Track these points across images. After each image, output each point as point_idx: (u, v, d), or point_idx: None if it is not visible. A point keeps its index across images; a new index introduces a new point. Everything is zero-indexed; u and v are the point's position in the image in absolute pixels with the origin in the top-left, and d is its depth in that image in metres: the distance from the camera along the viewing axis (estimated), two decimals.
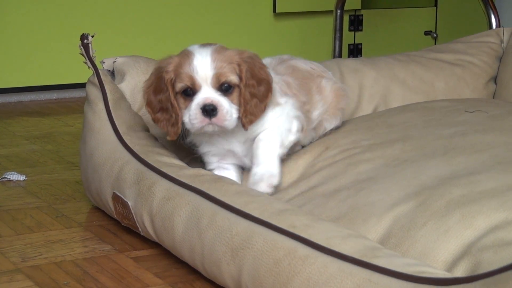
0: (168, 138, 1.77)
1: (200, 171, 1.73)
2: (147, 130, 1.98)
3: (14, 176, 2.24)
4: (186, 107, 1.72)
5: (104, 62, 2.11)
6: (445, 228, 1.44)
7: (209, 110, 1.69)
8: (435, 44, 3.81)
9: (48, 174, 2.30)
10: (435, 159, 1.73)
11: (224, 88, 1.72)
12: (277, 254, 1.39)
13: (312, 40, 3.67)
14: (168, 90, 1.73)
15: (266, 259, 1.40)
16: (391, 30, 3.82)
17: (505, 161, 1.67)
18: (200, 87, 1.71)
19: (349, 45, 3.72)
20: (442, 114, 2.06)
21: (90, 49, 2.02)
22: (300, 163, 1.87)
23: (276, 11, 3.58)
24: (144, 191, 1.73)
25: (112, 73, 2.10)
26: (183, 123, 1.74)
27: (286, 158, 1.86)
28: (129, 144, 1.86)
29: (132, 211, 1.77)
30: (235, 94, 1.74)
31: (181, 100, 1.74)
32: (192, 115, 1.70)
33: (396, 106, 2.28)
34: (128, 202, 1.78)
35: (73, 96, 3.32)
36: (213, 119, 1.70)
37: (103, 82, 1.98)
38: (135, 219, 1.77)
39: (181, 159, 1.96)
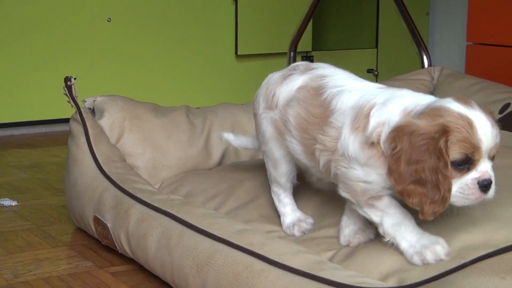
0: (421, 217, 1.31)
1: (170, 196, 1.74)
2: (123, 160, 1.99)
3: (7, 202, 2.24)
4: (454, 179, 1.30)
5: (85, 101, 2.11)
6: (381, 245, 1.46)
7: (488, 185, 1.31)
8: (376, 81, 3.85)
9: (37, 200, 2.29)
10: None
11: (492, 158, 1.34)
12: (237, 268, 1.40)
13: None
14: (442, 161, 1.26)
15: (227, 273, 1.41)
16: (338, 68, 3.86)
17: None
18: (479, 159, 1.30)
19: None
20: None
21: (73, 90, 2.02)
22: (257, 183, 1.86)
23: (238, 53, 3.61)
24: (121, 214, 1.74)
25: (92, 110, 2.11)
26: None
27: (244, 177, 1.87)
28: (108, 173, 1.87)
29: (111, 232, 1.77)
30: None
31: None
32: (467, 190, 1.30)
33: None
34: (108, 224, 1.78)
35: (60, 130, 3.32)
36: (488, 195, 1.32)
37: (85, 119, 1.99)
38: (113, 238, 1.77)
39: (154, 185, 1.98)
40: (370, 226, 1.47)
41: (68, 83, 2.02)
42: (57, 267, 1.77)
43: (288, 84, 1.55)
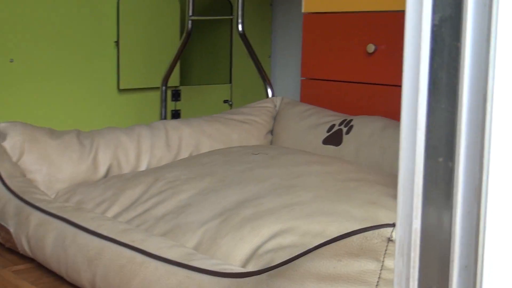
0: None
1: (64, 204, 1.64)
2: (24, 175, 1.86)
3: None
4: None
5: None
6: (240, 237, 1.42)
7: None
8: (231, 108, 3.83)
9: None
10: (232, 188, 1.70)
11: None
12: (121, 261, 1.32)
13: (146, 109, 3.61)
14: None
15: (113, 266, 1.33)
16: (201, 100, 3.81)
17: (279, 188, 1.67)
18: None
19: (172, 111, 3.68)
20: (236, 156, 2.05)
21: None
22: (136, 191, 1.79)
23: (120, 88, 3.50)
24: (23, 220, 1.62)
25: None
26: None
27: (125, 186, 1.77)
28: (10, 187, 1.74)
29: (13, 236, 1.65)
30: None
31: None
32: None
33: (205, 151, 2.26)
34: (10, 229, 1.66)
35: None
36: None
37: None
38: (15, 241, 1.65)
39: (50, 195, 1.86)
40: None
41: None
42: None
43: None
